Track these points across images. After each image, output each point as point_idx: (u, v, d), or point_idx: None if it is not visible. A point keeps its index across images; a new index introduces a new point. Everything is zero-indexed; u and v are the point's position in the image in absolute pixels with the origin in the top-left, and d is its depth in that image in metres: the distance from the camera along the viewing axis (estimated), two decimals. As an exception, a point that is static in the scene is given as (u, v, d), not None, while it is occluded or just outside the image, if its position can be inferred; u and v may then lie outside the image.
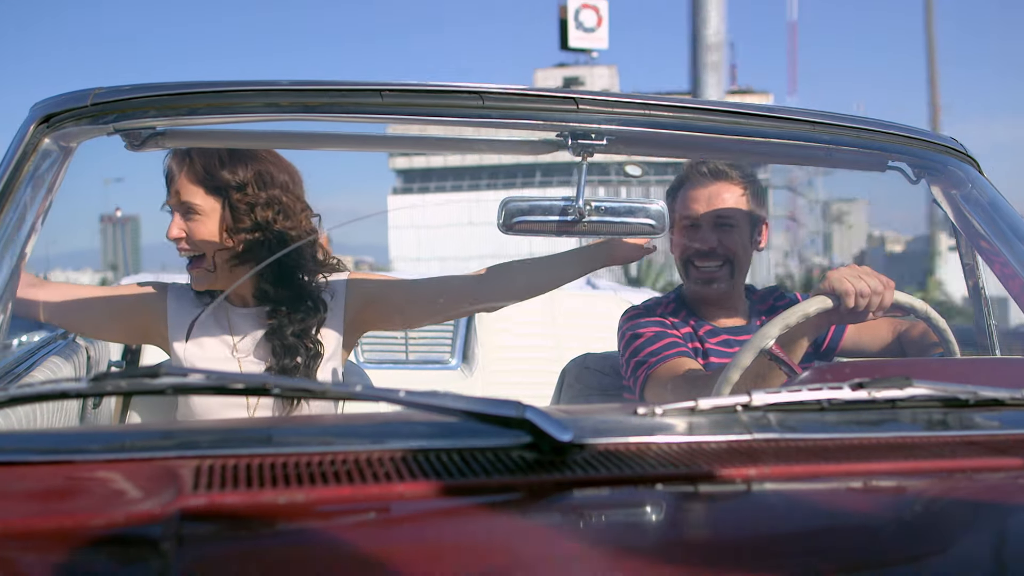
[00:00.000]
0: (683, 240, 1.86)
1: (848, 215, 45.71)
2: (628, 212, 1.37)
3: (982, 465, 0.85)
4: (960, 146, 1.53)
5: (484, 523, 0.73)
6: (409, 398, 0.82)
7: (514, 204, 1.34)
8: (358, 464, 0.76)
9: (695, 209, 1.86)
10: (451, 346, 3.43)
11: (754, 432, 0.88)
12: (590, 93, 1.29)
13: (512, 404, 0.80)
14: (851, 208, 46.58)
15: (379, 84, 1.24)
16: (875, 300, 1.46)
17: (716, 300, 1.89)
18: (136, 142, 1.31)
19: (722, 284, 1.85)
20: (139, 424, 1.83)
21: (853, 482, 0.82)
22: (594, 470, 0.77)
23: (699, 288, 1.87)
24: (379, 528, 0.72)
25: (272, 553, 0.65)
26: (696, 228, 1.85)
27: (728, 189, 1.86)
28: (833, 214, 41.81)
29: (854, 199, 45.93)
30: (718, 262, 1.84)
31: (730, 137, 1.35)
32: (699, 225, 1.85)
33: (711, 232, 1.84)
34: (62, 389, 0.84)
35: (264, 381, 0.82)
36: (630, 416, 0.92)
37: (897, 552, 0.70)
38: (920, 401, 0.97)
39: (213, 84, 1.25)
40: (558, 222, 1.34)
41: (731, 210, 1.85)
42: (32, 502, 0.71)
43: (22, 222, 1.13)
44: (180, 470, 0.74)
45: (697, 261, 1.85)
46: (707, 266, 1.85)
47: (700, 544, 0.71)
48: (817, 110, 1.41)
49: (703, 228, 1.85)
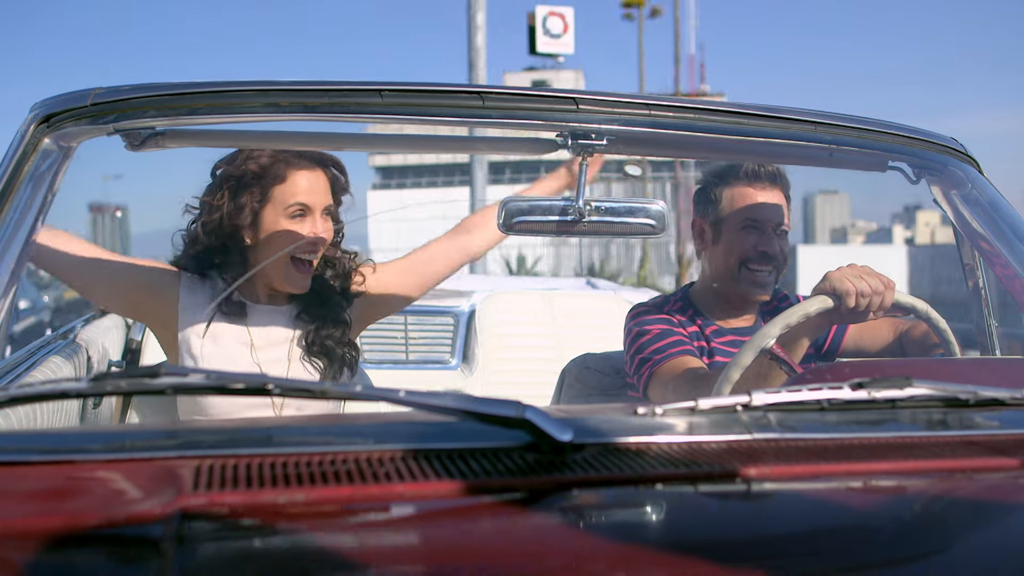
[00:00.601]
0: (746, 242, 1.82)
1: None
2: (628, 212, 1.37)
3: (982, 465, 0.85)
4: (960, 146, 1.53)
5: (484, 523, 0.73)
6: (409, 398, 0.82)
7: (514, 204, 1.34)
8: (358, 464, 0.76)
9: (760, 212, 1.83)
10: (451, 346, 3.43)
11: (754, 432, 0.88)
12: (590, 93, 1.29)
13: (512, 404, 0.80)
14: (828, 200, 46.77)
15: (379, 84, 1.24)
16: (876, 300, 1.46)
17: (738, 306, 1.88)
18: (136, 142, 1.31)
19: (769, 288, 1.85)
20: (139, 424, 1.83)
21: (853, 482, 0.82)
22: (594, 470, 0.77)
23: (748, 289, 1.83)
24: (379, 528, 0.72)
25: (272, 553, 0.65)
26: (760, 231, 1.82)
27: (780, 195, 1.85)
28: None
29: (836, 191, 46.23)
30: (772, 266, 1.83)
31: (730, 137, 1.35)
32: (763, 228, 1.82)
33: (774, 236, 1.83)
34: (62, 389, 0.84)
35: (264, 381, 0.82)
36: (630, 416, 0.92)
37: (897, 552, 0.70)
38: (920, 401, 0.97)
39: (213, 84, 1.25)
40: (558, 222, 1.34)
41: (785, 216, 1.85)
42: (32, 502, 0.71)
43: (22, 222, 1.13)
44: (180, 470, 0.74)
45: (754, 264, 1.82)
46: (763, 270, 1.82)
47: (700, 544, 0.71)
48: (817, 110, 1.41)
49: (767, 232, 1.82)
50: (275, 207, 1.63)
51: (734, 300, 1.88)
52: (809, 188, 35.89)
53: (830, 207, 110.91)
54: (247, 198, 1.62)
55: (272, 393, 0.82)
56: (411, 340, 3.42)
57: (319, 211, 1.65)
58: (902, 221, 70.88)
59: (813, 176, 38.09)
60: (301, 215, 1.63)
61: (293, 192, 1.63)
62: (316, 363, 1.69)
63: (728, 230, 1.85)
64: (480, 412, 0.81)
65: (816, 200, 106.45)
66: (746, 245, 1.82)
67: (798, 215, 44.41)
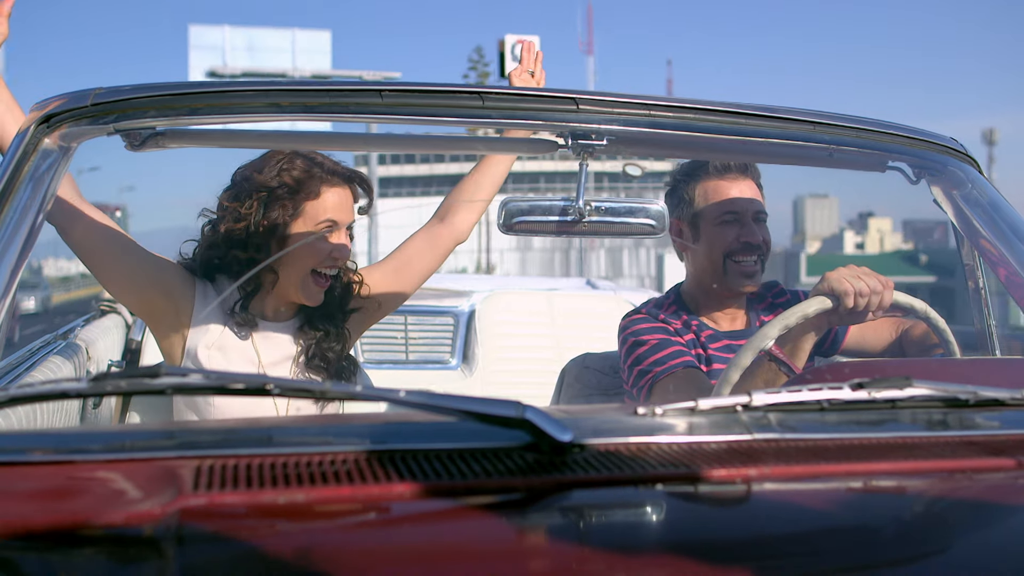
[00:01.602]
0: (727, 235, 1.81)
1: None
2: (628, 212, 1.37)
3: (982, 465, 0.85)
4: (960, 146, 1.53)
5: (484, 523, 0.73)
6: (409, 398, 0.82)
7: (514, 204, 1.34)
8: (358, 464, 0.76)
9: (736, 203, 1.83)
10: (451, 346, 3.43)
11: (754, 432, 0.88)
12: (590, 93, 1.29)
13: (512, 404, 0.80)
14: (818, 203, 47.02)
15: (379, 84, 1.24)
16: (874, 300, 1.46)
17: (728, 299, 1.87)
18: (136, 142, 1.31)
19: (758, 278, 1.84)
20: (139, 424, 1.83)
21: (853, 482, 0.82)
22: (594, 470, 0.77)
23: (737, 281, 1.83)
24: (379, 528, 0.72)
25: (272, 553, 0.65)
26: (739, 222, 1.82)
27: (752, 184, 1.86)
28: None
29: (826, 195, 46.45)
30: (756, 255, 1.83)
31: (730, 137, 1.35)
32: (742, 219, 1.83)
33: (754, 225, 1.83)
34: (62, 389, 0.84)
35: (264, 381, 0.82)
36: (630, 416, 0.92)
37: (897, 552, 0.70)
38: (920, 401, 0.97)
39: (213, 84, 1.25)
40: (558, 222, 1.34)
41: (762, 203, 1.85)
42: (32, 502, 0.71)
43: (22, 222, 1.13)
44: (180, 470, 0.74)
45: (739, 256, 1.82)
46: (748, 260, 1.82)
47: (700, 544, 0.71)
48: (817, 110, 1.41)
49: (747, 222, 1.83)
50: (305, 222, 1.63)
51: (724, 295, 1.87)
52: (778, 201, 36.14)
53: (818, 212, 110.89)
54: (279, 212, 1.61)
55: (272, 393, 0.82)
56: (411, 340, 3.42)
57: (344, 227, 1.66)
58: (854, 227, 70.78)
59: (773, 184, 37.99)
60: (329, 231, 1.64)
61: (325, 208, 1.63)
62: (316, 378, 1.68)
63: (707, 226, 1.85)
64: (480, 412, 0.81)
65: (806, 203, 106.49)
66: (728, 238, 1.82)
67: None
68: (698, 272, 1.89)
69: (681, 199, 1.88)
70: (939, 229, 46.73)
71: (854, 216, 72.11)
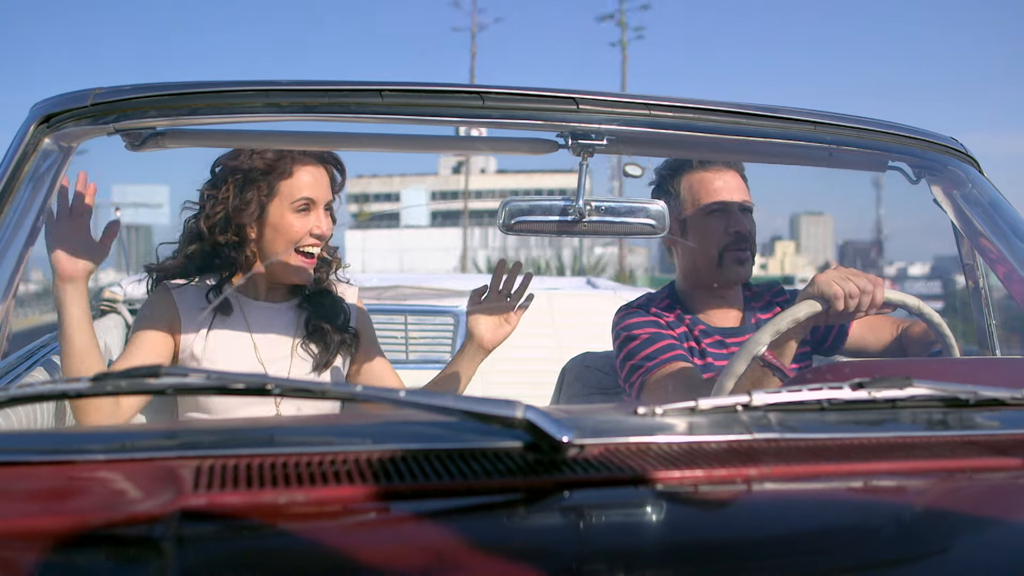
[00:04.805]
0: (718, 227, 1.83)
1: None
2: (628, 212, 1.37)
3: (982, 465, 0.85)
4: (960, 146, 1.53)
5: (484, 523, 0.73)
6: (409, 398, 0.82)
7: (514, 204, 1.34)
8: (358, 464, 0.76)
9: (722, 196, 1.84)
10: (451, 346, 3.43)
11: (754, 432, 0.88)
12: (590, 93, 1.29)
13: (512, 404, 0.79)
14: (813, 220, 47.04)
15: (379, 84, 1.24)
16: (865, 299, 1.45)
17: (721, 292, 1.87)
18: (136, 142, 1.31)
19: (748, 267, 1.85)
20: (139, 424, 1.83)
21: (853, 482, 0.82)
22: (594, 470, 0.77)
23: (731, 272, 1.84)
24: (379, 528, 0.72)
25: (272, 553, 0.65)
26: (728, 214, 1.83)
27: (736, 175, 1.87)
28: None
29: (822, 213, 46.44)
30: (747, 245, 1.84)
31: (730, 137, 1.35)
32: (730, 211, 1.84)
33: (741, 216, 1.84)
34: (62, 389, 0.84)
35: (264, 381, 0.82)
36: (630, 416, 0.92)
37: (897, 552, 0.70)
38: (920, 401, 0.97)
39: (213, 84, 1.25)
40: (558, 222, 1.34)
41: (747, 193, 1.86)
42: (32, 502, 0.71)
43: (22, 222, 1.13)
44: (180, 470, 0.74)
45: (731, 247, 1.83)
46: (741, 250, 1.83)
47: (700, 544, 0.71)
48: (818, 110, 1.41)
49: (735, 213, 1.84)
50: (281, 201, 1.66)
51: (718, 288, 1.87)
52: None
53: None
54: (254, 193, 1.65)
55: (272, 393, 0.82)
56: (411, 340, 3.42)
57: (322, 205, 1.69)
58: (762, 252, 70.33)
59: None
60: (306, 209, 1.67)
61: (299, 187, 1.66)
62: (314, 350, 1.72)
63: (696, 221, 1.86)
64: (480, 412, 0.81)
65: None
66: (719, 230, 1.83)
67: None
68: (690, 266, 1.90)
69: (667, 195, 1.89)
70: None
71: (766, 239, 72.20)
